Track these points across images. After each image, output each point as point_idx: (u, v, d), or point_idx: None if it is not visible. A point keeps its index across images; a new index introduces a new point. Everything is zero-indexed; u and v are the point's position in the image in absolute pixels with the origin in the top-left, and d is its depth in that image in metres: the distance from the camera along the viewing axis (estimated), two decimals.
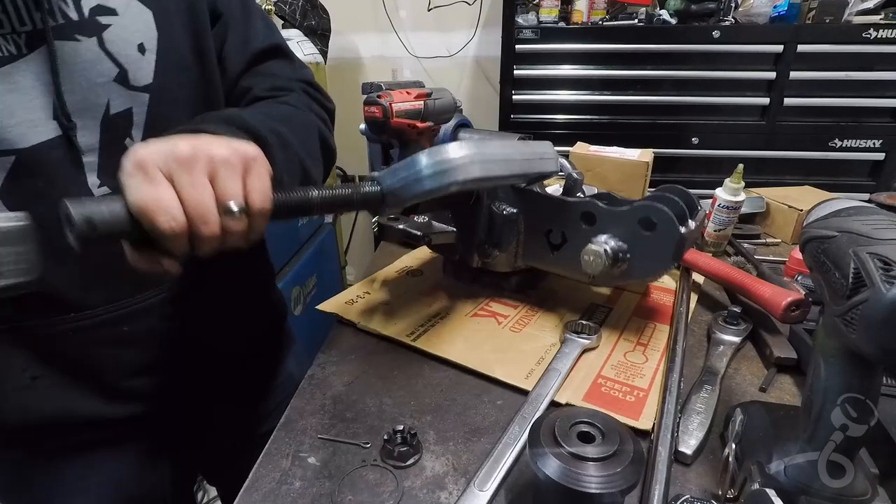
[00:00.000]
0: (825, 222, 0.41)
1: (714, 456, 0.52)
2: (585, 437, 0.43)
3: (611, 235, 0.65)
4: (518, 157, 0.62)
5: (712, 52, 1.81)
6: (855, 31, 1.72)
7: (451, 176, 0.53)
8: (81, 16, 0.50)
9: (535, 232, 0.73)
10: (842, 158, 1.87)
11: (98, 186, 0.54)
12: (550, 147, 0.70)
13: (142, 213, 0.37)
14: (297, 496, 0.48)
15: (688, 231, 0.63)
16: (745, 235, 1.10)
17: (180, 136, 0.42)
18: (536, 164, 0.66)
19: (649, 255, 0.64)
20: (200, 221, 0.39)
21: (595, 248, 0.64)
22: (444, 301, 0.81)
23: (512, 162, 0.61)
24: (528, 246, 0.74)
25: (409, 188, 0.53)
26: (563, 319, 0.75)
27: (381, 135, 0.80)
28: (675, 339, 0.67)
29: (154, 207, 0.37)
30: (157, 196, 0.37)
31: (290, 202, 0.46)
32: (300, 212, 0.48)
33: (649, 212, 0.62)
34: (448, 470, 0.51)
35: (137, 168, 0.38)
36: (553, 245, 0.72)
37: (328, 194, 0.49)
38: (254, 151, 0.43)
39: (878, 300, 0.33)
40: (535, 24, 1.87)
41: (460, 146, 0.54)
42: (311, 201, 0.47)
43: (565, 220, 0.69)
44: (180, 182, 0.38)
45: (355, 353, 0.70)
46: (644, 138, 1.70)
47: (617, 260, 0.64)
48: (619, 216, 0.64)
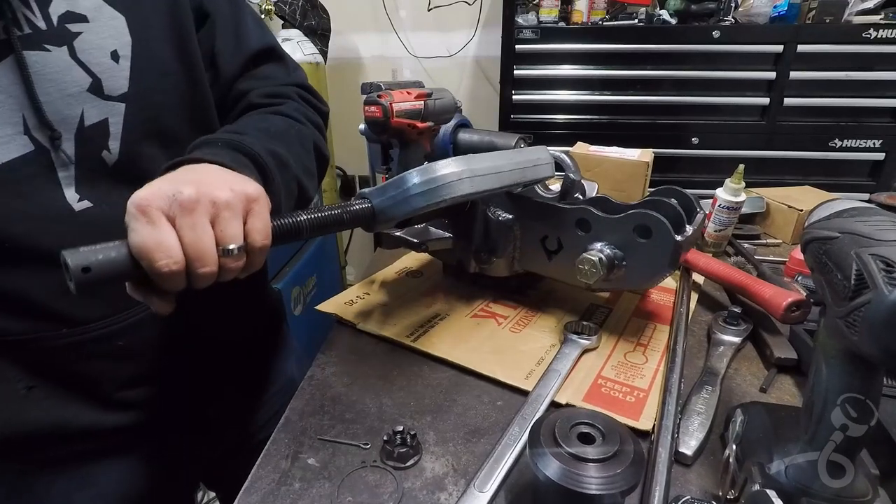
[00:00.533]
0: (827, 223, 0.41)
1: (714, 457, 0.52)
2: (585, 437, 0.43)
3: (606, 243, 0.65)
4: (509, 169, 0.62)
5: (712, 52, 1.80)
6: (855, 31, 1.72)
7: (441, 193, 0.54)
8: (50, 24, 0.48)
9: (531, 238, 0.72)
10: (842, 158, 1.87)
11: (78, 201, 0.52)
12: (545, 152, 0.69)
13: (142, 256, 0.38)
14: (297, 497, 0.48)
15: (684, 238, 0.62)
16: (746, 236, 1.09)
17: (185, 170, 0.42)
18: (530, 172, 0.66)
19: (645, 262, 0.64)
20: (199, 263, 0.39)
21: (590, 257, 0.64)
22: (444, 302, 0.81)
23: (503, 174, 0.61)
24: (524, 252, 0.74)
25: (398, 207, 0.54)
26: (562, 320, 0.75)
27: (381, 135, 0.80)
28: (676, 339, 0.67)
29: (154, 250, 0.37)
30: (158, 239, 0.38)
31: (281, 230, 0.46)
32: (290, 238, 0.47)
33: (644, 219, 0.62)
34: (448, 471, 0.51)
35: (141, 211, 0.38)
36: (549, 251, 0.71)
37: (317, 217, 0.49)
38: (255, 192, 0.43)
39: (881, 302, 0.33)
40: (535, 24, 1.87)
41: (449, 163, 0.55)
42: (300, 226, 0.47)
43: (560, 226, 0.69)
44: (181, 225, 0.39)
45: (355, 354, 0.70)
46: (644, 138, 1.70)
47: (613, 267, 0.64)
48: (614, 223, 0.64)
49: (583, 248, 0.66)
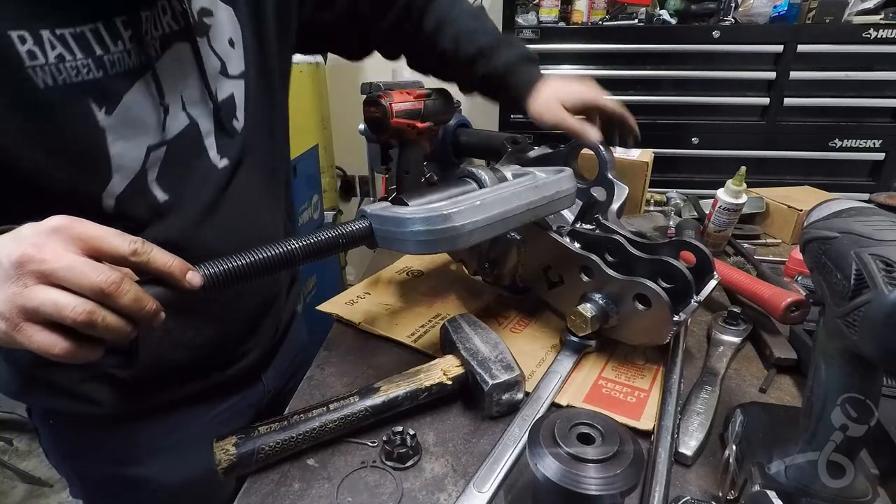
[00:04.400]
0: (826, 223, 0.41)
1: (714, 457, 0.52)
2: (585, 438, 0.43)
3: (604, 296, 0.63)
4: (520, 211, 0.56)
5: (712, 52, 1.80)
6: (855, 31, 1.72)
7: (444, 246, 0.50)
8: (196, 19, 0.57)
9: (535, 264, 0.72)
10: (842, 158, 1.87)
11: (220, 160, 0.61)
12: (570, 180, 0.62)
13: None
14: (297, 497, 0.48)
15: (682, 318, 0.59)
16: (745, 236, 1.09)
17: None
18: (543, 210, 0.60)
19: (640, 326, 0.62)
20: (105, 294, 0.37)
21: (583, 312, 0.63)
22: (445, 302, 0.81)
23: (518, 216, 0.56)
24: (527, 272, 0.74)
25: (393, 243, 0.52)
26: (563, 321, 0.75)
27: (380, 135, 0.80)
28: (676, 339, 0.67)
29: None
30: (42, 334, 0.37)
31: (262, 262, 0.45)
32: (279, 268, 0.47)
33: (647, 291, 0.59)
34: (448, 471, 0.51)
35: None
36: (550, 282, 0.71)
37: (310, 243, 0.48)
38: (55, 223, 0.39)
39: (881, 302, 0.33)
40: (535, 24, 1.87)
41: (461, 213, 0.50)
42: (292, 254, 0.47)
43: (565, 265, 0.67)
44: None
45: (355, 354, 0.70)
46: (644, 138, 1.69)
47: (606, 320, 0.63)
48: (617, 283, 0.62)
49: (582, 292, 0.65)
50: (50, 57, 0.45)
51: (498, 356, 0.59)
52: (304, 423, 0.52)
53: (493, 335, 0.63)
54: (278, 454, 0.51)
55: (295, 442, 0.51)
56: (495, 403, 0.56)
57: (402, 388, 0.56)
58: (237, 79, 0.62)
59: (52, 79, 0.46)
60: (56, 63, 0.45)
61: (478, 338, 0.62)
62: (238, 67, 0.62)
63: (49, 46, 0.45)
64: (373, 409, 0.54)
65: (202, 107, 0.58)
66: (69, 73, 0.46)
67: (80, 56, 0.47)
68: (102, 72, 0.48)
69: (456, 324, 0.65)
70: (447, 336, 0.64)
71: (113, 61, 0.49)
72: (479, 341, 0.61)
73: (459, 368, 0.59)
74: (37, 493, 1.73)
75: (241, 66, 0.62)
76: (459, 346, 0.60)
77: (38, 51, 0.44)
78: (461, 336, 0.62)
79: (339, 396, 0.55)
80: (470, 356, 0.59)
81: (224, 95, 0.61)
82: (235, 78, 0.62)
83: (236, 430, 0.51)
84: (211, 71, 0.58)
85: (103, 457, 0.67)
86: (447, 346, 0.64)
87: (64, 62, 0.46)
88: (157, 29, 0.53)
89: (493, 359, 0.58)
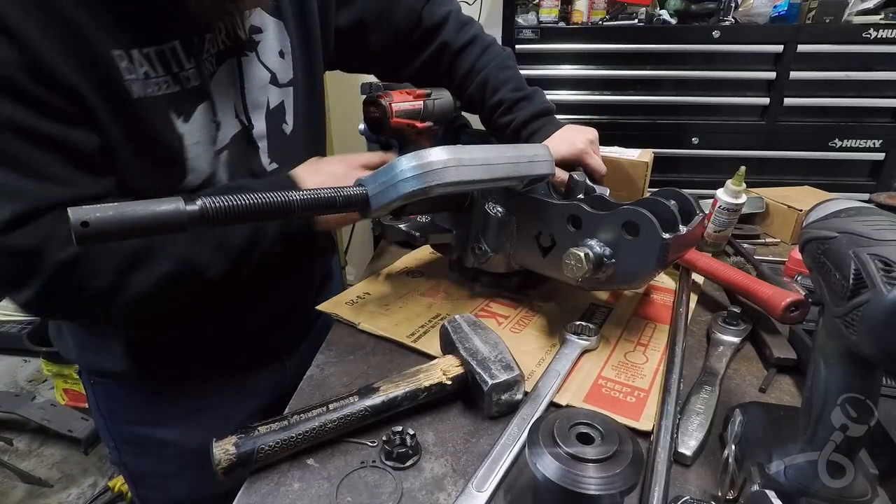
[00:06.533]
0: (825, 223, 0.41)
1: (714, 457, 0.52)
2: (584, 438, 0.43)
3: (597, 240, 0.64)
4: (501, 162, 0.62)
5: (712, 52, 1.81)
6: (855, 31, 1.72)
7: (429, 179, 0.55)
8: (247, 36, 0.64)
9: (526, 234, 0.72)
10: (842, 158, 1.87)
11: (269, 163, 0.69)
12: (544, 149, 0.69)
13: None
14: (296, 497, 0.48)
15: (673, 237, 0.61)
16: (745, 235, 1.09)
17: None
18: (524, 167, 0.65)
19: (633, 259, 0.63)
20: None
21: (576, 252, 0.63)
22: (445, 302, 0.81)
23: (494, 167, 0.61)
24: (520, 248, 0.74)
25: (389, 192, 0.55)
26: (562, 320, 0.75)
27: (380, 135, 0.80)
28: (675, 339, 0.67)
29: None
30: None
31: (262, 206, 0.47)
32: (277, 215, 0.50)
33: (633, 216, 0.61)
34: (447, 471, 0.51)
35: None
36: (543, 248, 0.71)
37: (308, 197, 0.51)
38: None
39: (880, 302, 0.33)
40: (534, 24, 1.87)
41: (438, 151, 0.56)
42: (291, 205, 0.50)
43: (553, 222, 0.69)
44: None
45: (355, 354, 0.70)
46: (644, 138, 1.70)
47: (601, 265, 0.63)
48: (604, 220, 0.63)
49: (574, 244, 0.66)
50: (139, 73, 0.54)
51: (497, 356, 0.59)
52: (303, 422, 0.52)
53: (492, 335, 0.63)
54: (278, 454, 0.51)
55: (294, 442, 0.51)
56: (495, 403, 0.56)
57: (401, 388, 0.56)
58: (286, 86, 0.69)
59: (143, 91, 0.54)
60: (144, 78, 0.54)
61: (477, 338, 0.62)
62: (287, 76, 0.69)
63: (138, 63, 0.54)
64: (372, 409, 0.54)
65: (257, 113, 0.66)
66: (154, 87, 0.55)
67: (161, 72, 0.56)
68: (179, 86, 0.57)
69: (455, 324, 0.65)
70: (447, 336, 0.64)
71: (188, 77, 0.58)
72: (478, 341, 0.61)
73: (459, 368, 0.59)
74: (37, 493, 1.73)
75: (290, 74, 0.69)
76: (459, 346, 0.61)
77: (132, 67, 0.53)
78: (461, 336, 0.62)
79: (338, 396, 0.55)
80: (469, 356, 0.59)
81: (275, 103, 0.68)
82: (285, 86, 0.69)
83: (236, 430, 0.51)
84: (260, 82, 0.66)
85: (133, 418, 0.76)
86: (447, 346, 0.64)
87: (149, 78, 0.55)
88: (214, 47, 0.61)
89: (492, 359, 0.58)
